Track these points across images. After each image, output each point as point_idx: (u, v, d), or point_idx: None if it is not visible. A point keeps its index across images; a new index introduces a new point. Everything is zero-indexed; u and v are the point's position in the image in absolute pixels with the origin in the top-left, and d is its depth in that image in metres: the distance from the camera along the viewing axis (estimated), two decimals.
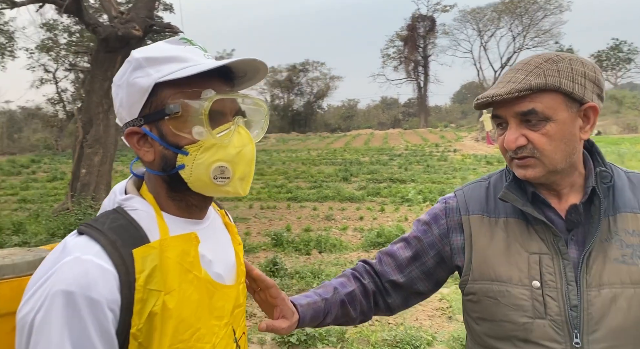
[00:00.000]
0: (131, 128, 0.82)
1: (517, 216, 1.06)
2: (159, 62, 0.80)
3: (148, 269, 0.75)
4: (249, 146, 0.84)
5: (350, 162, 18.71)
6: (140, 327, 0.73)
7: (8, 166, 19.54)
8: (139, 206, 0.81)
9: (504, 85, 0.97)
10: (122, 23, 8.80)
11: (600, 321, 0.95)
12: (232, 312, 0.89)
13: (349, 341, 3.71)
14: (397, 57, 49.54)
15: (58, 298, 0.67)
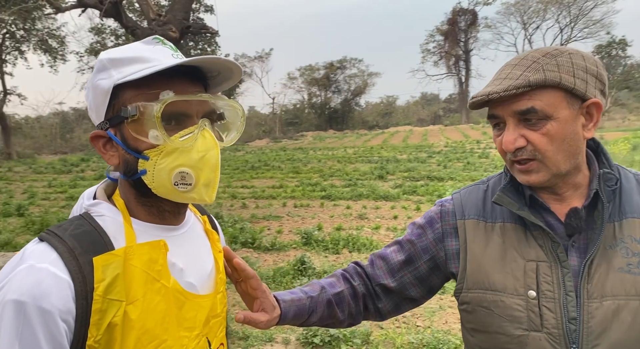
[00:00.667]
0: (95, 131, 0.81)
1: (515, 221, 0.98)
2: (122, 63, 0.77)
3: (109, 278, 0.73)
4: (213, 151, 0.80)
5: (386, 160, 18.47)
6: (99, 339, 0.71)
7: (60, 164, 20.59)
8: (105, 212, 0.79)
9: (500, 82, 0.89)
10: (160, 25, 9.04)
11: (601, 335, 0.87)
12: (206, 322, 0.86)
13: (374, 343, 3.64)
14: (437, 52, 48.51)
15: (9, 308, 0.66)
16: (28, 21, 20.79)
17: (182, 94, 0.77)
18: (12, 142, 25.13)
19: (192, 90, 0.80)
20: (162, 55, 0.79)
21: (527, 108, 0.87)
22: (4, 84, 25.89)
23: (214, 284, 0.90)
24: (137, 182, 0.80)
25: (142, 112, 0.75)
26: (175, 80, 0.78)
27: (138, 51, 0.79)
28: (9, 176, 16.84)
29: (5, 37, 24.44)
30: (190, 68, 0.80)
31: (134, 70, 0.76)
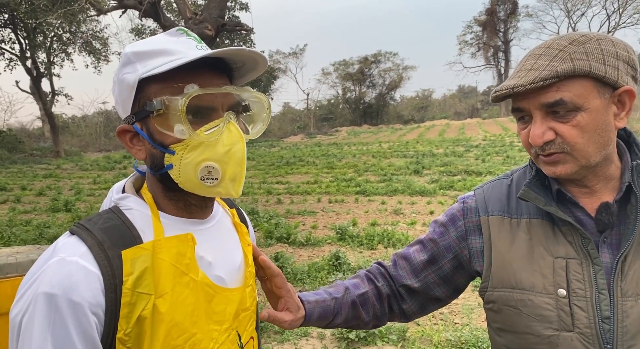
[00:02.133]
0: (122, 126, 0.80)
1: (542, 216, 0.93)
2: (147, 56, 0.76)
3: (138, 271, 0.72)
4: (239, 144, 0.78)
5: (422, 155, 18.17)
6: (128, 331, 0.71)
7: (104, 162, 21.43)
8: (134, 206, 0.79)
9: (526, 74, 0.84)
10: (196, 24, 9.20)
11: (637, 335, 0.82)
12: (235, 316, 0.85)
13: (410, 340, 3.58)
14: (475, 43, 47.18)
15: (41, 301, 0.67)
16: (74, 24, 21.66)
17: (207, 87, 0.76)
18: (60, 140, 26.30)
19: (217, 82, 0.78)
20: (186, 48, 0.78)
21: (555, 100, 0.82)
22: (52, 85, 27.11)
23: (243, 277, 0.89)
24: (163, 176, 0.79)
25: (167, 106, 0.75)
26: (200, 73, 0.77)
27: (162, 44, 0.78)
28: (58, 173, 17.67)
29: (53, 40, 25.56)
30: (214, 60, 0.78)
31: (159, 63, 0.75)
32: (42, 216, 9.24)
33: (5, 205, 10.73)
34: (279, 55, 46.94)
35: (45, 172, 17.59)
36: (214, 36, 9.41)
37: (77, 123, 38.44)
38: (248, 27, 10.60)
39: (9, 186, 13.63)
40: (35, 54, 24.69)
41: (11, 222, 8.27)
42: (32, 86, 26.38)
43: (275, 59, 45.50)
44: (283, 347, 3.57)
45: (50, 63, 25.87)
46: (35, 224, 8.16)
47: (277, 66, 42.93)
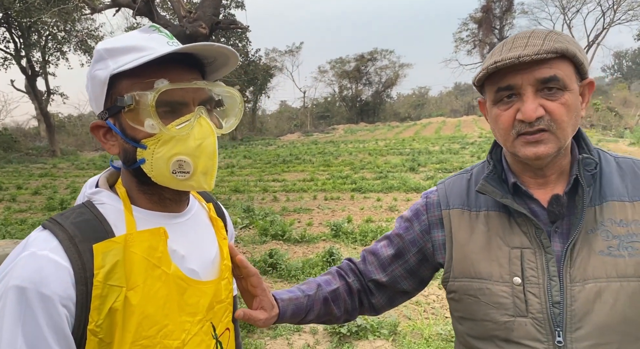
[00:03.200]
0: (95, 122, 0.82)
1: (499, 209, 0.97)
2: (118, 52, 0.78)
3: (109, 264, 0.74)
4: (210, 138, 0.80)
5: (418, 152, 18.20)
6: (100, 323, 0.73)
7: (100, 161, 21.38)
8: (106, 200, 0.81)
9: (524, 48, 0.85)
10: (190, 22, 9.18)
11: (584, 318, 0.86)
12: (210, 308, 0.87)
13: (402, 334, 3.61)
14: (470, 40, 47.17)
15: (12, 294, 0.68)
16: (68, 22, 21.57)
17: (177, 82, 0.78)
18: (56, 139, 26.22)
19: (187, 77, 0.80)
20: (157, 44, 0.79)
21: (550, 76, 0.85)
22: (47, 84, 27.00)
23: (218, 270, 0.91)
24: (137, 170, 0.81)
25: (138, 101, 0.76)
26: (170, 68, 0.78)
27: (134, 40, 0.80)
28: (54, 172, 17.63)
29: (48, 38, 25.45)
30: (185, 55, 0.80)
31: (130, 59, 0.77)
32: (37, 215, 9.22)
33: (1, 204, 10.71)
34: (275, 53, 46.84)
35: (41, 172, 17.54)
36: (208, 34, 9.39)
37: (73, 122, 38.29)
38: (243, 25, 10.58)
39: (4, 185, 13.60)
40: (30, 53, 24.56)
41: (6, 222, 8.26)
42: (27, 85, 26.25)
43: (271, 57, 45.41)
44: (276, 342, 3.59)
45: (46, 62, 25.74)
46: (30, 223, 8.15)
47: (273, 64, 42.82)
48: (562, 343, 0.87)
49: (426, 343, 3.45)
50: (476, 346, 0.98)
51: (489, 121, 0.97)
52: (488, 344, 0.95)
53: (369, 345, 3.48)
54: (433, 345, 3.41)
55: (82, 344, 0.73)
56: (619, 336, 0.86)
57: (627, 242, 0.88)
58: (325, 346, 3.50)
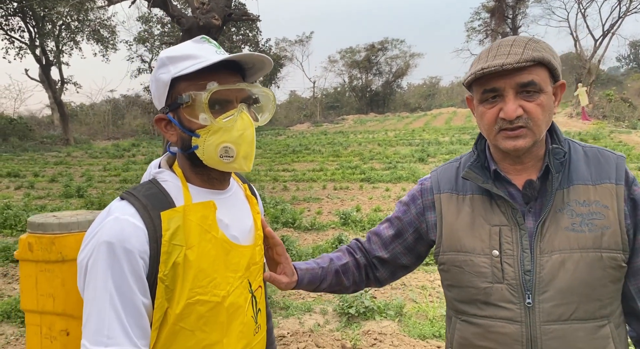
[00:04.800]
0: (159, 115, 1.02)
1: (482, 193, 1.15)
2: (177, 60, 0.98)
3: (172, 228, 0.94)
4: (249, 129, 1.00)
5: (428, 143, 18.27)
6: (166, 273, 0.93)
7: (113, 149, 21.76)
8: (168, 178, 1.01)
9: (507, 57, 1.02)
10: (203, 13, 9.35)
11: (549, 283, 1.04)
12: (247, 267, 1.07)
13: (407, 315, 3.82)
14: (482, 30, 46.66)
15: (103, 247, 0.89)
16: (82, 12, 21.84)
17: (224, 84, 0.97)
18: (70, 128, 26.65)
19: (232, 80, 1.00)
20: (208, 53, 0.99)
21: (529, 81, 1.02)
22: (61, 73, 27.37)
23: (253, 238, 1.11)
24: (191, 155, 1.01)
25: (194, 99, 0.96)
26: (219, 73, 0.98)
27: (189, 49, 0.99)
28: (68, 160, 18.02)
29: (62, 28, 25.76)
30: (230, 62, 0.99)
31: (187, 65, 0.96)
32: (55, 202, 9.54)
33: (20, 191, 11.06)
34: (285, 43, 46.83)
35: (56, 160, 17.93)
36: (221, 25, 9.56)
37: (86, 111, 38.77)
38: (254, 16, 10.73)
39: (22, 172, 13.98)
40: (44, 42, 24.90)
41: (27, 207, 8.57)
42: (42, 74, 26.63)
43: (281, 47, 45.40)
44: (288, 321, 3.82)
45: (59, 51, 26.07)
46: (49, 209, 8.46)
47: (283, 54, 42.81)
48: (531, 304, 1.05)
49: (430, 324, 3.66)
50: (462, 308, 1.16)
51: (476, 116, 1.14)
52: (471, 307, 1.13)
53: (376, 325, 3.70)
54: (437, 325, 3.61)
55: (153, 288, 0.93)
56: (578, 297, 1.03)
57: (588, 219, 1.05)
58: (335, 326, 3.72)
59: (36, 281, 0.97)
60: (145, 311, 0.92)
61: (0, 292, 4.60)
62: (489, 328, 1.09)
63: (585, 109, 21.96)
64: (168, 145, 1.09)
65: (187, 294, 0.94)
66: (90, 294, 0.89)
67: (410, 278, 4.70)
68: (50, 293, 0.98)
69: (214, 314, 0.98)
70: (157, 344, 0.95)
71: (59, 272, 0.98)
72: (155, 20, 28.81)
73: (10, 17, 23.72)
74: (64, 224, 1.00)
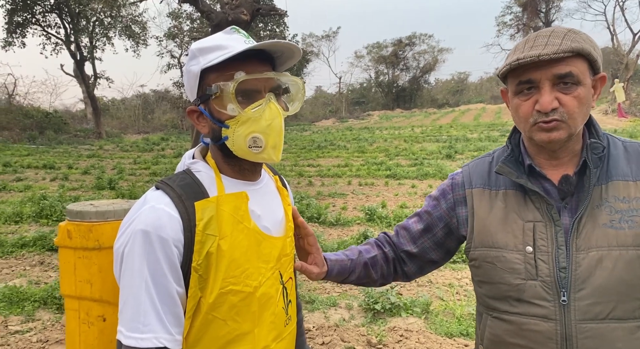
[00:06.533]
0: (190, 107, 1.03)
1: (516, 188, 1.11)
2: (207, 51, 0.97)
3: (206, 218, 0.95)
4: (277, 119, 0.99)
5: (456, 139, 18.00)
6: (200, 262, 0.94)
7: (143, 143, 22.26)
8: (202, 169, 1.02)
9: (544, 47, 0.98)
10: (232, 9, 9.43)
11: (586, 281, 1.01)
12: (278, 259, 1.07)
13: (434, 312, 3.77)
14: (514, 24, 45.51)
15: (138, 236, 0.90)
16: (114, 8, 22.37)
17: (252, 74, 0.96)
18: (102, 122, 27.40)
19: (260, 69, 0.99)
20: (236, 42, 0.98)
21: (567, 72, 0.98)
22: (94, 68, 28.13)
23: (284, 229, 1.11)
24: (222, 146, 1.01)
25: (222, 90, 0.96)
26: (247, 62, 0.97)
27: (218, 40, 0.99)
28: (100, 153, 18.54)
29: (95, 24, 26.45)
30: (259, 51, 0.99)
31: (215, 56, 0.96)
32: (88, 193, 9.84)
33: (55, 182, 11.44)
34: (312, 39, 46.81)
35: (88, 153, 18.48)
36: (249, 21, 9.62)
37: (117, 105, 39.77)
38: (282, 10, 10.76)
39: (57, 164, 14.46)
40: (78, 38, 25.63)
41: (61, 198, 8.86)
42: (76, 69, 27.45)
43: (308, 42, 45.42)
44: (314, 315, 3.83)
45: (93, 47, 26.79)
46: (82, 200, 8.72)
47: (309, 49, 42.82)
48: (566, 302, 1.01)
49: (458, 322, 3.61)
50: (493, 305, 1.13)
51: (510, 108, 1.11)
52: (503, 304, 1.10)
53: (401, 322, 3.67)
54: (464, 324, 3.56)
55: (187, 277, 0.94)
56: (616, 296, 1.00)
57: (627, 216, 1.01)
58: (360, 321, 3.71)
59: (74, 267, 1.00)
60: (179, 299, 0.93)
61: (37, 279, 4.78)
62: (521, 325, 1.07)
63: (622, 105, 21.19)
64: (201, 136, 1.10)
65: (220, 283, 0.95)
66: (127, 282, 0.91)
67: (437, 276, 4.64)
68: (88, 279, 1.00)
69: (246, 304, 0.98)
70: (191, 332, 0.97)
71: (96, 259, 1.00)
72: (185, 16, 29.26)
73: (47, 14, 24.52)
74: (101, 213, 1.02)
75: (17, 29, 23.76)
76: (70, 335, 1.02)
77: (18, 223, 7.11)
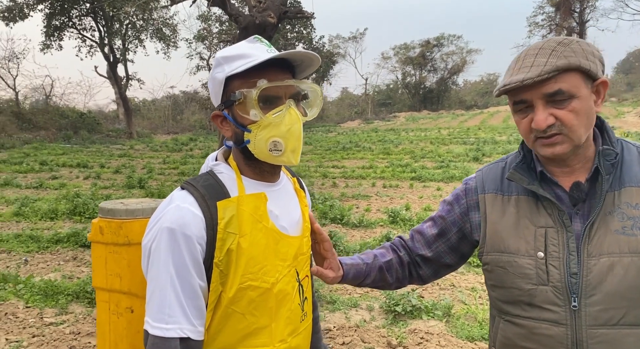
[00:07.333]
0: (215, 112, 1.09)
1: (528, 194, 1.13)
2: (231, 59, 1.03)
3: (227, 217, 1.01)
4: (297, 124, 1.04)
5: (484, 142, 17.71)
6: (221, 259, 1.00)
7: (172, 144, 22.78)
8: (224, 170, 1.08)
9: (529, 70, 1.00)
10: (259, 11, 9.57)
11: (597, 287, 1.01)
12: (295, 257, 1.12)
13: (455, 316, 3.75)
14: (546, 24, 44.43)
15: (165, 233, 0.96)
16: (146, 12, 22.99)
17: (273, 81, 1.02)
18: (133, 122, 28.16)
19: (281, 77, 1.04)
20: (259, 51, 1.03)
21: (555, 90, 0.99)
22: (126, 70, 28.98)
23: (301, 229, 1.16)
24: (244, 149, 1.07)
25: (245, 96, 1.02)
26: (269, 70, 1.03)
27: (242, 49, 1.05)
28: (131, 153, 19.08)
29: (128, 27, 27.25)
30: (280, 60, 1.04)
31: (240, 64, 1.02)
32: (119, 192, 10.15)
33: (88, 181, 11.86)
34: (338, 40, 46.87)
35: (120, 152, 19.04)
36: (276, 23, 9.74)
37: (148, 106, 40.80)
38: (309, 13, 10.84)
39: (89, 163, 14.97)
40: (112, 41, 26.45)
41: (94, 196, 9.18)
42: (109, 71, 28.32)
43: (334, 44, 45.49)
44: (334, 315, 3.87)
45: (125, 49, 27.58)
46: (114, 199, 9.02)
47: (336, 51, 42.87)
48: (576, 307, 1.02)
49: (479, 326, 3.58)
50: (505, 309, 1.15)
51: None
52: (515, 308, 1.12)
53: (422, 324, 3.67)
54: (486, 328, 3.53)
55: (209, 272, 1.00)
56: (627, 302, 1.00)
57: None
58: (381, 322, 3.73)
59: (106, 261, 1.07)
60: (202, 293, 0.99)
61: (71, 274, 4.99)
62: (532, 329, 1.08)
63: None
64: (225, 139, 1.16)
65: (239, 279, 1.00)
66: (153, 276, 0.97)
67: (460, 279, 4.61)
68: (118, 273, 1.08)
69: (263, 299, 1.04)
70: (212, 324, 1.02)
71: (125, 254, 1.07)
72: (214, 18, 29.81)
73: (83, 17, 25.41)
74: (130, 211, 1.09)
75: (54, 33, 24.72)
76: (101, 325, 1.09)
77: (53, 220, 7.42)
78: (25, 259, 5.45)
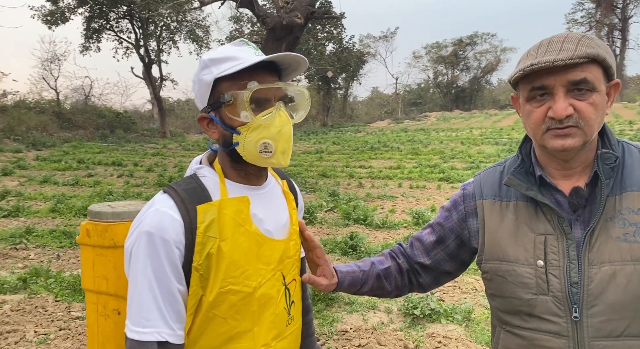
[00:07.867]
0: (201, 114, 1.09)
1: (527, 199, 1.08)
2: (219, 61, 1.03)
3: (207, 221, 1.00)
4: (287, 126, 1.04)
5: (517, 142, 17.22)
6: (201, 263, 0.99)
7: (204, 143, 23.22)
8: (207, 174, 1.08)
9: (559, 53, 0.95)
10: (287, 12, 9.62)
11: (599, 297, 0.96)
12: (280, 261, 1.11)
13: (475, 321, 3.66)
14: (586, 21, 42.79)
15: (143, 237, 0.97)
16: (180, 14, 23.53)
17: (264, 83, 1.01)
18: (167, 122, 28.90)
19: (270, 79, 1.04)
20: (247, 54, 1.03)
21: (581, 78, 0.94)
22: (160, 70, 29.77)
23: (288, 232, 1.14)
24: (232, 151, 1.06)
25: (235, 98, 1.01)
26: (258, 73, 1.02)
27: (229, 52, 1.04)
28: (164, 152, 19.57)
29: (162, 29, 27.97)
30: (268, 62, 1.03)
31: (228, 66, 1.01)
32: (150, 190, 10.42)
33: (121, 179, 12.23)
34: (369, 39, 46.61)
35: (153, 151, 19.55)
36: (304, 24, 9.77)
37: (181, 106, 41.75)
38: (336, 14, 10.83)
39: (124, 162, 15.45)
40: (147, 42, 27.21)
41: (126, 194, 9.47)
42: (144, 72, 29.13)
43: (365, 43, 45.27)
44: (352, 317, 3.84)
45: (160, 50, 28.33)
46: (144, 197, 9.27)
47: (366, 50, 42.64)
48: (578, 318, 0.98)
49: None
50: (505, 319, 1.10)
51: (521, 115, 1.07)
52: (515, 318, 1.07)
53: (441, 328, 3.59)
54: None
55: (188, 276, 1.00)
56: (631, 312, 0.94)
57: None
58: (398, 325, 3.67)
59: (93, 263, 1.09)
60: (181, 297, 0.99)
61: None
62: (533, 340, 1.04)
63: None
64: (210, 143, 1.16)
65: (219, 283, 1.00)
66: (132, 279, 0.98)
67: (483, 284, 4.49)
68: (104, 275, 1.09)
69: (245, 303, 1.03)
70: (193, 328, 1.02)
71: (111, 256, 1.09)
72: (245, 19, 30.21)
73: (120, 20, 26.26)
74: (117, 213, 1.11)
75: (93, 35, 25.65)
76: (90, 326, 1.11)
77: (86, 217, 7.69)
78: (57, 254, 5.67)
